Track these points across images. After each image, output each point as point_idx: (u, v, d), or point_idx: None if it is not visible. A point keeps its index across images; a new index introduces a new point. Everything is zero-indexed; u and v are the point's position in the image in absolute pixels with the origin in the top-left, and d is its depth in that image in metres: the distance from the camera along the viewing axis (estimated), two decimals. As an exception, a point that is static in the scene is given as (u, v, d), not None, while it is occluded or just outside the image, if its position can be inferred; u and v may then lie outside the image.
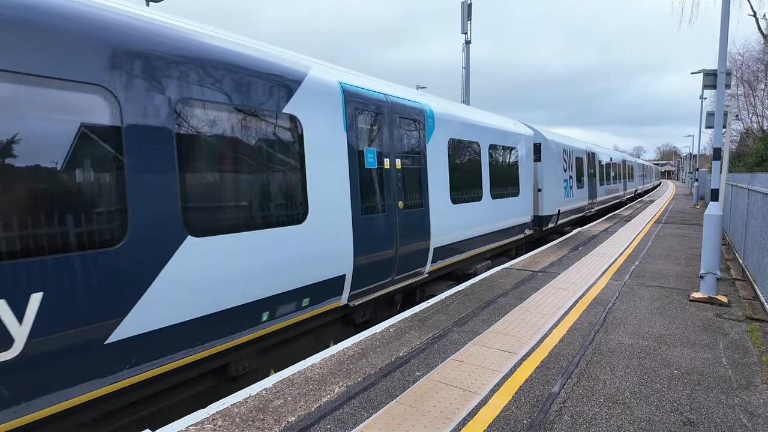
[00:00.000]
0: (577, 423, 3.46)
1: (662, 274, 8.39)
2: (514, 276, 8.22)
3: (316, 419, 3.52)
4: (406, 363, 4.53)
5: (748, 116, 38.63)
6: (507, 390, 3.97)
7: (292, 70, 5.04)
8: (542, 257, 10.02)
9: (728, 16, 6.63)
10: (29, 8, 3.00)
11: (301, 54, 5.64)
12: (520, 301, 6.66)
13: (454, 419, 3.52)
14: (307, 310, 5.21)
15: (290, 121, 4.94)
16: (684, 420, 3.50)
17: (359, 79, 6.35)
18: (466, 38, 16.09)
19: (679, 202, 28.35)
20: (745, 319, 5.80)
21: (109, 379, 3.40)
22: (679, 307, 6.36)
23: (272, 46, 5.20)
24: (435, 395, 3.88)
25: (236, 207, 4.31)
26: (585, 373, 4.30)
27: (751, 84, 37.25)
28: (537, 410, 3.64)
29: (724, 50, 6.79)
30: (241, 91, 4.37)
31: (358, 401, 3.79)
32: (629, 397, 3.85)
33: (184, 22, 4.22)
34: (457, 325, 5.64)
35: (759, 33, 31.36)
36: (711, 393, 3.92)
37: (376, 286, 6.39)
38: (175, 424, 3.42)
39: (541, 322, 5.73)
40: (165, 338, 3.72)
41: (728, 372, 4.31)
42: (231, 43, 4.46)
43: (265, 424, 3.45)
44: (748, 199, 8.81)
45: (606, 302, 6.57)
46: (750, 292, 7.10)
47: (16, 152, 2.92)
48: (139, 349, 3.56)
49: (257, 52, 4.71)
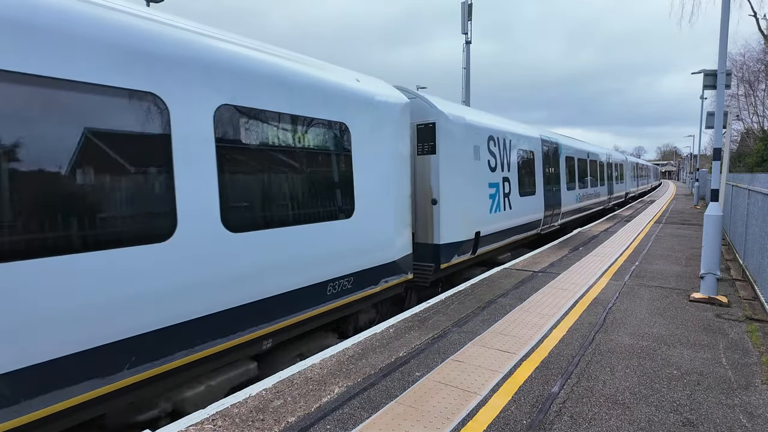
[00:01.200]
0: (576, 423, 3.46)
1: (662, 274, 8.39)
2: (514, 276, 8.22)
3: (316, 419, 3.52)
4: (406, 363, 4.54)
5: (749, 116, 38.65)
6: (507, 390, 3.97)
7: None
8: (542, 257, 10.02)
9: (728, 16, 6.64)
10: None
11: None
12: (520, 301, 6.66)
13: (454, 419, 3.52)
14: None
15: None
16: (684, 420, 3.50)
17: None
18: (466, 38, 16.11)
19: (680, 202, 28.34)
20: (745, 320, 5.80)
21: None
22: (679, 307, 6.36)
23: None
24: (435, 395, 3.88)
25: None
26: (585, 373, 4.30)
27: (751, 84, 37.28)
28: (537, 410, 3.64)
29: (724, 50, 6.79)
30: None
31: (358, 401, 3.79)
32: (629, 397, 3.85)
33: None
34: (456, 325, 5.65)
35: (759, 33, 31.37)
36: (711, 393, 3.92)
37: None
38: (175, 424, 3.43)
39: (541, 322, 5.73)
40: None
41: (728, 372, 4.31)
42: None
43: (265, 425, 3.45)
44: (748, 199, 8.81)
45: (606, 302, 6.57)
46: (750, 293, 7.10)
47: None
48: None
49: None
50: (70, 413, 3.22)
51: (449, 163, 7.93)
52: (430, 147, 7.76)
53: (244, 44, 4.59)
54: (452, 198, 7.99)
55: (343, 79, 5.75)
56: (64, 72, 3.13)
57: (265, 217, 4.58)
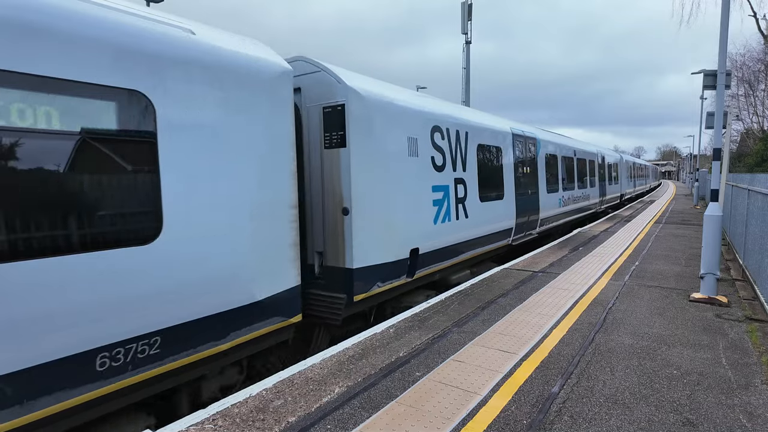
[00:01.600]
0: (576, 423, 3.47)
1: (662, 274, 8.40)
2: (514, 276, 8.23)
3: (317, 419, 3.53)
4: (406, 363, 4.54)
5: (749, 116, 38.66)
6: (507, 390, 3.97)
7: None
8: (542, 258, 10.03)
9: (728, 17, 6.64)
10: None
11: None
12: (520, 301, 6.67)
13: (454, 419, 3.52)
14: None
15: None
16: (684, 420, 3.51)
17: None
18: (466, 38, 16.12)
19: (680, 203, 28.35)
20: (745, 320, 5.81)
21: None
22: (679, 307, 6.37)
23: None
24: (435, 396, 3.89)
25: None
26: (585, 373, 4.30)
27: (751, 84, 37.26)
28: (537, 410, 3.65)
29: (724, 51, 6.80)
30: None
31: (358, 401, 3.80)
32: (629, 397, 3.86)
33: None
34: (457, 325, 5.65)
35: (759, 33, 31.39)
36: (711, 393, 3.92)
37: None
38: (175, 424, 3.44)
39: (541, 322, 5.73)
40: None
41: (728, 372, 4.32)
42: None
43: (266, 424, 3.45)
44: (748, 199, 8.82)
45: (606, 303, 6.58)
46: (750, 293, 7.10)
47: None
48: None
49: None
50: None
51: (366, 159, 5.97)
52: (339, 138, 5.78)
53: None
54: (371, 206, 6.05)
55: (145, 23, 3.75)
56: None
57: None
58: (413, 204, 6.92)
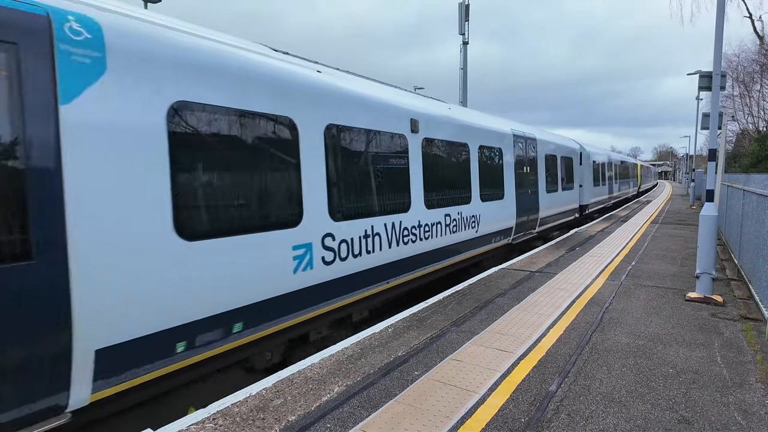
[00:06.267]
0: (573, 421, 3.50)
1: (659, 274, 8.45)
2: (511, 276, 8.27)
3: (316, 418, 3.55)
4: (405, 362, 4.57)
5: (744, 117, 38.85)
6: (505, 389, 4.01)
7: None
8: (539, 257, 10.07)
9: (723, 19, 6.71)
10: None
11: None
12: (518, 301, 6.71)
13: (453, 418, 3.56)
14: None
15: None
16: (679, 418, 3.55)
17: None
18: (463, 39, 16.16)
19: (676, 203, 28.47)
20: (740, 319, 5.86)
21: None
22: (675, 306, 6.42)
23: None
24: (434, 394, 3.92)
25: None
26: (582, 372, 4.34)
27: (746, 85, 37.45)
28: (534, 409, 3.68)
29: (719, 52, 6.86)
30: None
31: (358, 400, 3.83)
32: (625, 395, 3.90)
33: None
34: (455, 325, 5.68)
35: (754, 34, 31.54)
36: (706, 391, 3.97)
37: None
38: (176, 423, 3.46)
39: (538, 321, 5.77)
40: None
41: (723, 371, 4.36)
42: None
43: (266, 423, 3.48)
44: (743, 199, 8.88)
45: (603, 302, 6.63)
46: (745, 292, 7.16)
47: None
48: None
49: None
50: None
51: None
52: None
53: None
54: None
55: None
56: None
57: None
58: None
